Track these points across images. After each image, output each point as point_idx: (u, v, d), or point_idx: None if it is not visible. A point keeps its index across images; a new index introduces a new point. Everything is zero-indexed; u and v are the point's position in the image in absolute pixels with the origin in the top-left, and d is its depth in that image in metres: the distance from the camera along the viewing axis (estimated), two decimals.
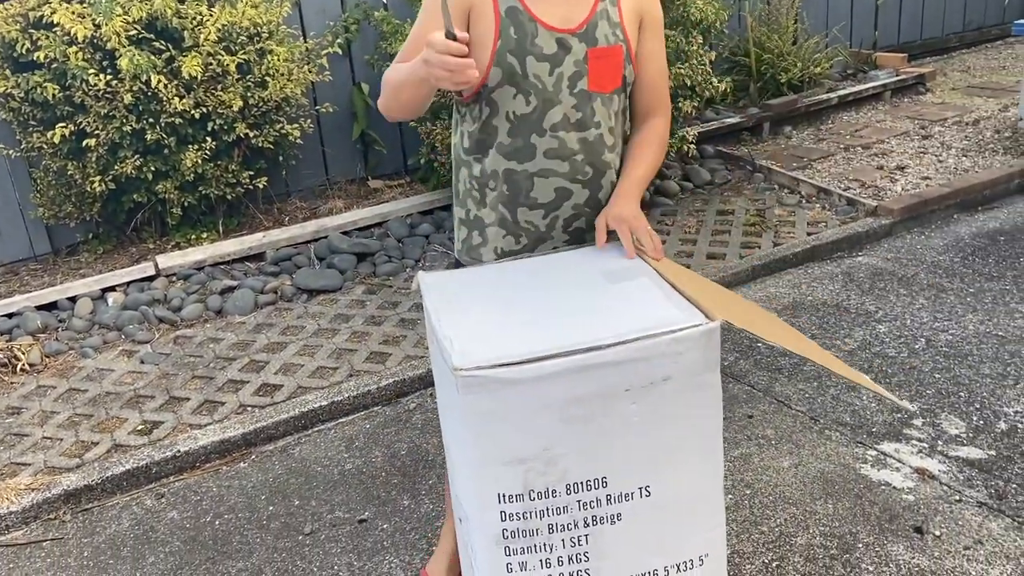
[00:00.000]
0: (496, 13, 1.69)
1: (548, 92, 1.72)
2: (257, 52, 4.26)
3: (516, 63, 1.69)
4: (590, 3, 1.73)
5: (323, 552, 2.45)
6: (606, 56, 1.73)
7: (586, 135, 1.75)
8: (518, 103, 1.72)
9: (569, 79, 1.72)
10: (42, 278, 4.32)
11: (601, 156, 1.78)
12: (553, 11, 1.71)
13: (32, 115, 4.12)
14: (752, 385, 3.06)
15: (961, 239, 4.15)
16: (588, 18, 1.72)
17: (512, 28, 1.69)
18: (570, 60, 1.71)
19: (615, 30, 1.74)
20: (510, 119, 1.74)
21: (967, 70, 6.95)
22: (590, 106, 1.74)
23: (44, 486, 2.75)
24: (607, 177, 1.80)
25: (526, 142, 1.75)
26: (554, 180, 1.77)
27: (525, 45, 1.69)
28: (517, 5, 1.70)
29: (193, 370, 3.42)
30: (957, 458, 2.58)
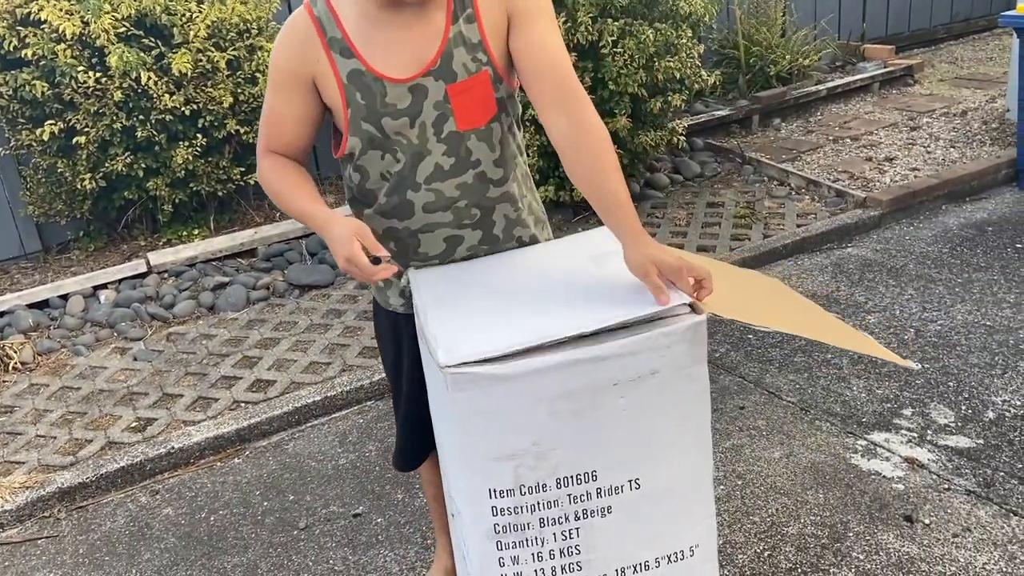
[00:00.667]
0: (339, 81, 1.57)
1: (414, 145, 1.59)
2: (247, 48, 4.26)
3: (372, 128, 1.58)
4: (440, 32, 1.55)
5: (318, 546, 2.46)
6: (470, 88, 1.57)
7: (464, 179, 1.62)
8: (388, 162, 1.62)
9: (433, 125, 1.58)
10: (33, 276, 4.31)
11: (486, 195, 1.65)
12: (398, 58, 1.55)
13: (21, 113, 4.11)
14: (743, 376, 3.09)
15: (949, 230, 4.18)
16: (440, 51, 1.55)
17: (358, 94, 1.56)
18: (428, 105, 1.57)
19: (476, 54, 1.56)
20: (385, 177, 1.64)
21: (955, 61, 6.98)
22: (463, 146, 1.60)
23: (38, 484, 2.76)
24: (499, 212, 1.68)
25: (403, 199, 1.64)
26: (440, 232, 1.66)
27: (376, 107, 1.56)
28: (359, 66, 1.56)
29: (186, 367, 3.42)
30: (946, 447, 2.61)
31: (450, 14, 1.56)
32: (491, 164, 1.65)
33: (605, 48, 4.06)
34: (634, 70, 4.10)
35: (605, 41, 4.05)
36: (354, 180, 1.69)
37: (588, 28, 4.01)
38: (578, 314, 1.39)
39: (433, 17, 1.56)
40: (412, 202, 1.64)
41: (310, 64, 1.58)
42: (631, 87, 4.12)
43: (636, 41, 4.06)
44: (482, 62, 1.57)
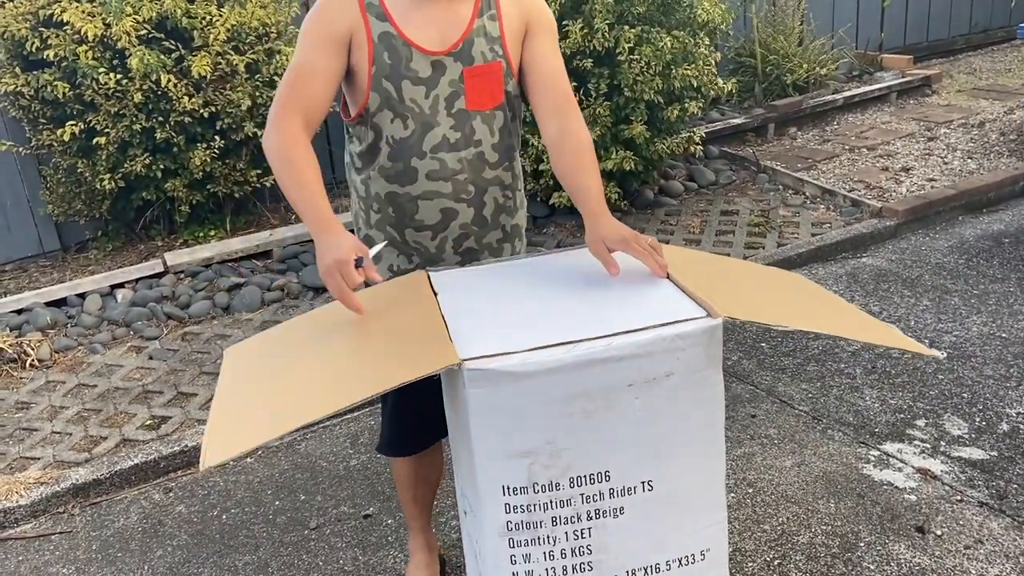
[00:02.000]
0: (369, 39, 1.70)
1: (425, 115, 1.72)
2: (266, 52, 4.30)
3: (392, 88, 1.70)
4: (465, 21, 1.73)
5: (328, 547, 2.47)
6: (483, 74, 1.73)
7: (465, 154, 1.75)
8: (396, 127, 1.73)
9: (446, 100, 1.73)
10: (51, 274, 4.36)
11: (482, 174, 1.78)
12: (427, 33, 1.71)
13: (42, 113, 4.16)
14: (755, 385, 3.08)
15: (966, 241, 4.15)
16: (463, 37, 1.72)
17: (386, 53, 1.70)
18: (445, 81, 1.72)
19: (493, 46, 1.74)
20: (390, 143, 1.75)
21: (973, 72, 6.95)
22: (469, 125, 1.75)
23: (53, 480, 2.78)
24: (490, 194, 1.81)
25: (407, 165, 1.75)
26: (438, 201, 1.77)
27: (400, 69, 1.70)
28: (390, 29, 1.70)
29: (201, 366, 3.45)
30: (959, 459, 2.59)
31: (476, 9, 1.75)
32: (490, 147, 1.78)
33: (622, 55, 4.07)
34: (650, 77, 4.11)
35: (622, 48, 4.06)
36: (366, 139, 1.77)
37: (605, 35, 4.02)
38: (593, 319, 1.40)
39: (461, 8, 1.74)
40: (416, 169, 1.75)
41: (348, 23, 1.69)
42: (647, 94, 4.13)
43: (653, 48, 4.07)
44: (498, 54, 1.75)
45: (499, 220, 1.86)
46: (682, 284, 1.53)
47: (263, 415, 1.38)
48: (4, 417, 3.19)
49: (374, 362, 1.43)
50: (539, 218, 4.57)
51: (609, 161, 4.19)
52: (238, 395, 1.48)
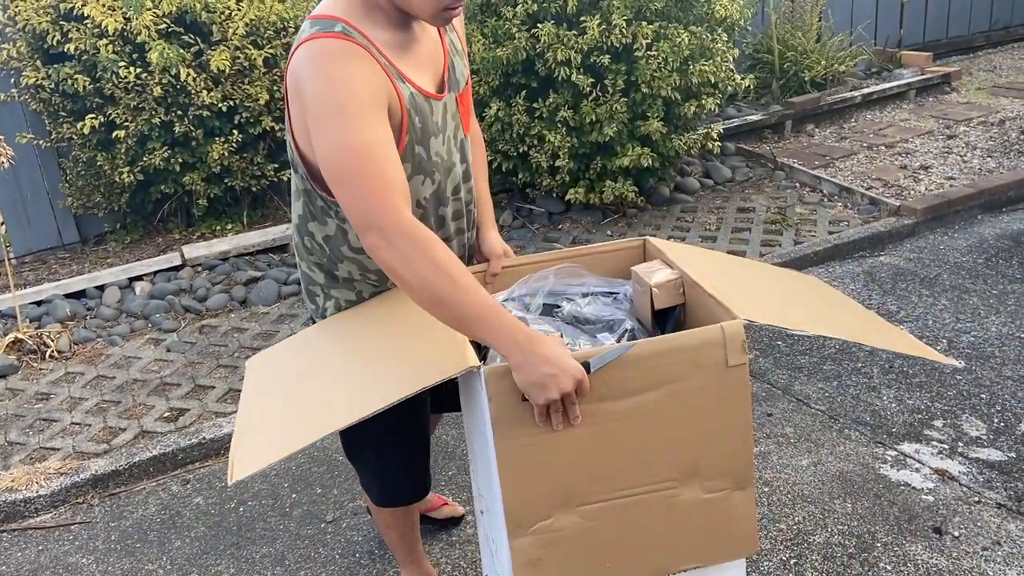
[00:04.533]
0: (403, 107, 1.44)
1: (446, 162, 1.59)
2: (284, 46, 4.31)
3: (423, 151, 1.51)
4: (439, 43, 1.57)
5: (345, 540, 2.49)
6: (468, 94, 1.65)
7: (469, 184, 1.69)
8: (426, 187, 1.56)
9: (453, 137, 1.60)
10: (71, 267, 4.40)
11: (471, 193, 1.72)
12: (426, 75, 1.52)
13: (62, 106, 4.19)
14: (771, 383, 3.07)
15: (985, 240, 4.12)
16: (446, 63, 1.57)
17: (416, 118, 1.48)
18: (450, 118, 1.57)
19: (463, 60, 1.64)
20: (421, 205, 1.58)
21: (993, 70, 6.88)
22: (465, 151, 1.66)
23: (73, 471, 2.82)
24: (473, 209, 1.77)
25: (437, 215, 1.62)
26: (458, 239, 1.71)
27: (428, 129, 1.51)
28: (414, 90, 1.48)
29: (218, 359, 3.47)
30: (977, 460, 2.58)
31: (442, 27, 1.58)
32: (470, 163, 1.71)
33: (639, 51, 4.06)
34: (667, 73, 4.09)
35: (639, 44, 4.04)
36: None
37: (623, 31, 4.01)
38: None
39: (429, 29, 1.56)
40: (444, 217, 1.66)
41: (385, 88, 1.40)
42: (664, 90, 4.12)
43: (671, 44, 4.05)
44: (469, 68, 1.67)
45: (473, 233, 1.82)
46: (701, 285, 1.53)
47: (288, 426, 1.39)
48: (24, 408, 3.23)
49: (395, 368, 1.44)
50: (554, 214, 4.57)
51: (625, 158, 4.18)
52: (261, 407, 1.50)
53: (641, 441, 1.39)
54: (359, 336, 1.59)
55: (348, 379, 1.47)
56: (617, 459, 1.38)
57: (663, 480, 1.41)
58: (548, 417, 1.29)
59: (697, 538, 1.45)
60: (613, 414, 1.36)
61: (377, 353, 1.51)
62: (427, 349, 1.45)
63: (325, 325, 1.70)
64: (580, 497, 1.38)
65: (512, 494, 1.36)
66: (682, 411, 1.39)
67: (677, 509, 1.42)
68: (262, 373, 1.62)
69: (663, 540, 1.44)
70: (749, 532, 1.47)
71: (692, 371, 1.37)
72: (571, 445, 1.35)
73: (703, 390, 1.38)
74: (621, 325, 1.65)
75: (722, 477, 1.43)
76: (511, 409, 1.33)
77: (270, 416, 1.46)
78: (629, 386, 1.36)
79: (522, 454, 1.34)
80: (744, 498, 1.45)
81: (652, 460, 1.40)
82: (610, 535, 1.41)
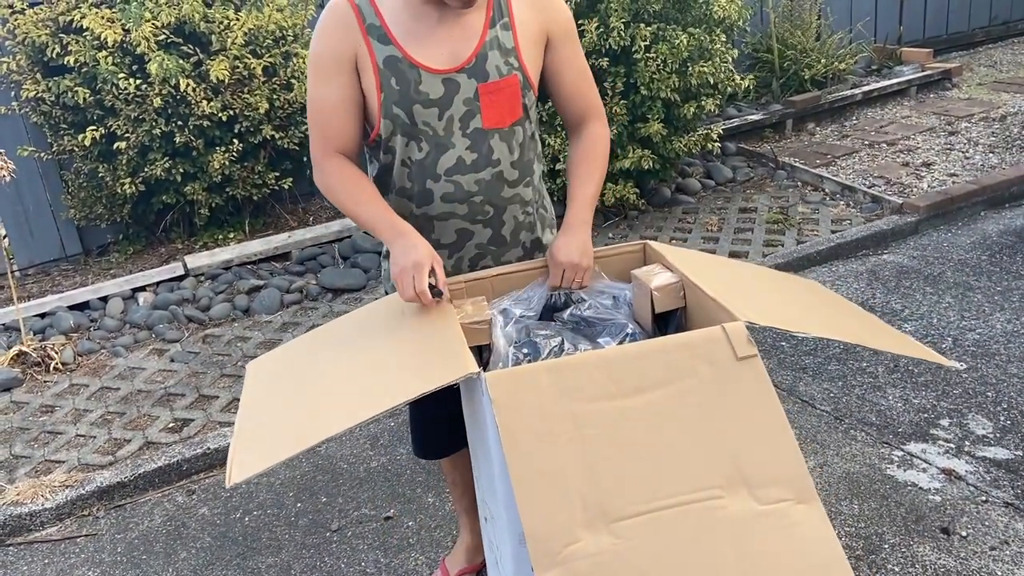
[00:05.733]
0: (374, 65, 1.62)
1: (440, 137, 1.65)
2: (283, 55, 4.32)
3: (403, 113, 1.63)
4: (477, 33, 1.63)
5: (350, 548, 2.48)
6: (499, 90, 1.64)
7: (483, 175, 1.69)
8: (411, 149, 1.68)
9: (460, 120, 1.65)
10: (74, 278, 4.40)
11: (500, 193, 1.73)
12: (437, 51, 1.62)
13: (63, 118, 4.20)
14: (776, 385, 3.05)
15: (988, 236, 4.11)
16: (476, 51, 1.63)
17: (393, 79, 1.62)
18: (459, 100, 1.64)
19: (508, 58, 1.65)
20: (407, 164, 1.70)
21: (994, 65, 6.87)
22: (487, 144, 1.68)
23: (78, 483, 2.82)
24: (509, 212, 1.76)
25: (422, 187, 1.70)
26: (454, 222, 1.73)
27: (409, 93, 1.62)
28: (396, 52, 1.61)
29: (222, 368, 3.47)
30: (984, 458, 2.56)
31: (488, 19, 1.65)
32: (508, 165, 1.72)
33: (638, 53, 4.06)
34: (667, 75, 4.09)
35: (638, 46, 4.04)
36: (382, 162, 1.75)
37: (621, 33, 4.01)
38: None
39: (471, 19, 1.64)
40: (431, 191, 1.71)
41: (350, 48, 1.62)
42: (664, 92, 4.11)
43: (669, 46, 4.05)
44: (513, 67, 1.66)
45: (519, 238, 1.82)
46: (701, 288, 1.52)
47: (286, 430, 1.39)
48: (29, 420, 3.23)
49: (392, 374, 1.43)
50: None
51: (626, 160, 4.17)
52: (261, 410, 1.49)
53: (666, 441, 1.29)
54: (359, 341, 1.59)
55: (348, 383, 1.46)
56: (644, 463, 1.26)
57: (704, 487, 1.26)
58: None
59: (768, 564, 1.23)
60: (625, 412, 1.31)
61: (377, 358, 1.51)
62: (427, 355, 1.44)
63: (324, 330, 1.71)
64: (612, 511, 1.22)
65: (533, 513, 1.21)
66: (702, 407, 1.32)
67: (731, 523, 1.24)
68: (262, 376, 1.62)
69: (724, 566, 1.22)
70: (833, 555, 1.23)
71: (702, 366, 1.33)
72: (589, 448, 1.27)
73: (718, 384, 1.33)
74: (622, 329, 1.65)
75: (775, 485, 1.27)
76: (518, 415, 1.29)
77: (270, 419, 1.45)
78: (636, 383, 1.32)
79: (537, 464, 1.25)
80: (811, 513, 1.25)
81: (685, 462, 1.27)
82: (655, 559, 1.20)
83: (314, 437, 1.33)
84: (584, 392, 1.31)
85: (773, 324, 1.42)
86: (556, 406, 1.30)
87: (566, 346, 1.61)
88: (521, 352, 1.59)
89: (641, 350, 1.34)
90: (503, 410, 1.30)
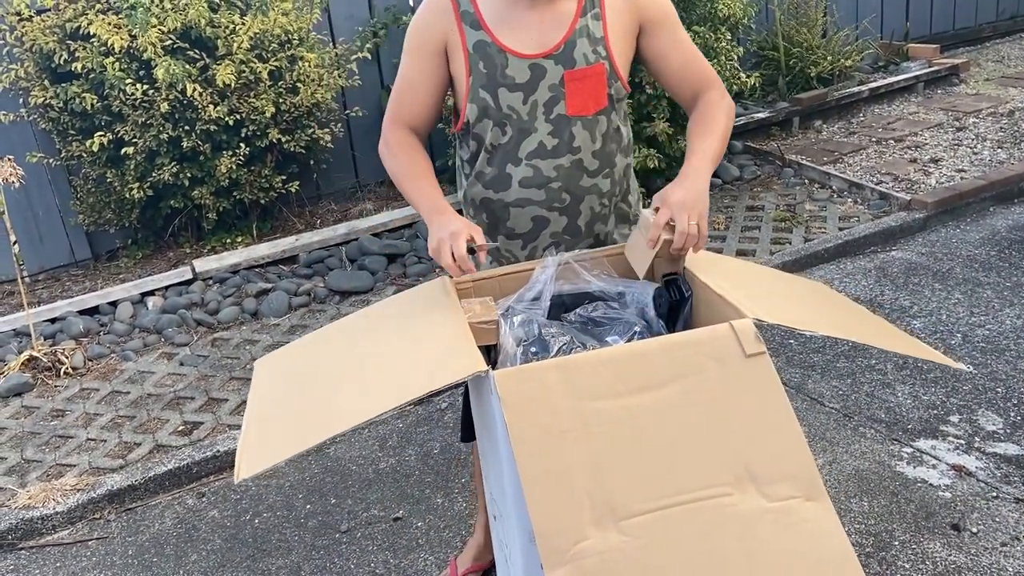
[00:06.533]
0: (464, 49, 1.68)
1: (523, 122, 1.69)
2: (288, 59, 4.33)
3: (489, 97, 1.68)
4: (568, 21, 1.67)
5: (360, 550, 2.49)
6: (585, 77, 1.67)
7: (562, 162, 1.71)
8: (495, 134, 1.72)
9: (544, 105, 1.68)
10: (83, 283, 4.43)
11: (579, 182, 1.74)
12: (526, 36, 1.66)
13: (71, 124, 4.22)
14: (785, 382, 3.05)
15: (997, 232, 4.09)
16: (565, 38, 1.67)
17: (481, 63, 1.67)
18: (544, 85, 1.67)
19: (597, 47, 1.68)
20: (488, 150, 1.74)
21: (1001, 60, 6.83)
22: (569, 131, 1.70)
23: (89, 487, 2.83)
24: (586, 203, 1.76)
25: (502, 171, 1.73)
26: (530, 209, 1.75)
27: (496, 78, 1.67)
28: (485, 37, 1.67)
29: (231, 371, 3.48)
30: (994, 454, 2.55)
31: (580, 8, 1.68)
32: (589, 154, 1.73)
33: None
34: None
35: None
36: (470, 149, 1.77)
37: None
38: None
39: (563, 7, 1.68)
40: (510, 175, 1.73)
41: (442, 32, 1.69)
42: None
43: None
44: (601, 56, 1.68)
45: (593, 229, 1.81)
46: (708, 286, 1.52)
47: (294, 427, 1.39)
48: (40, 425, 3.25)
49: (400, 372, 1.44)
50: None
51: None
52: (269, 407, 1.49)
53: (674, 439, 1.29)
54: (367, 339, 1.59)
55: (356, 381, 1.47)
56: (653, 460, 1.26)
57: (712, 484, 1.26)
58: None
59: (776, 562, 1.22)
60: (633, 410, 1.30)
61: (385, 356, 1.51)
62: (435, 353, 1.44)
63: (333, 328, 1.71)
64: (620, 509, 1.22)
65: (541, 511, 1.21)
66: (710, 404, 1.32)
67: (739, 521, 1.23)
68: (270, 374, 1.62)
69: (733, 563, 1.22)
70: (842, 551, 1.23)
71: (710, 364, 1.33)
72: (597, 445, 1.27)
73: (726, 381, 1.33)
74: (630, 328, 1.64)
75: (784, 482, 1.26)
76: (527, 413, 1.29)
77: (278, 416, 1.46)
78: (644, 381, 1.31)
79: (545, 462, 1.25)
80: (820, 510, 1.25)
81: (693, 460, 1.27)
82: (663, 557, 1.20)
83: (321, 434, 1.33)
84: (592, 390, 1.31)
85: (781, 322, 1.41)
86: (564, 404, 1.30)
87: (575, 344, 1.61)
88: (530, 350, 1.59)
89: (649, 348, 1.34)
90: (511, 408, 1.30)
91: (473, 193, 1.79)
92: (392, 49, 5.05)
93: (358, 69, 4.76)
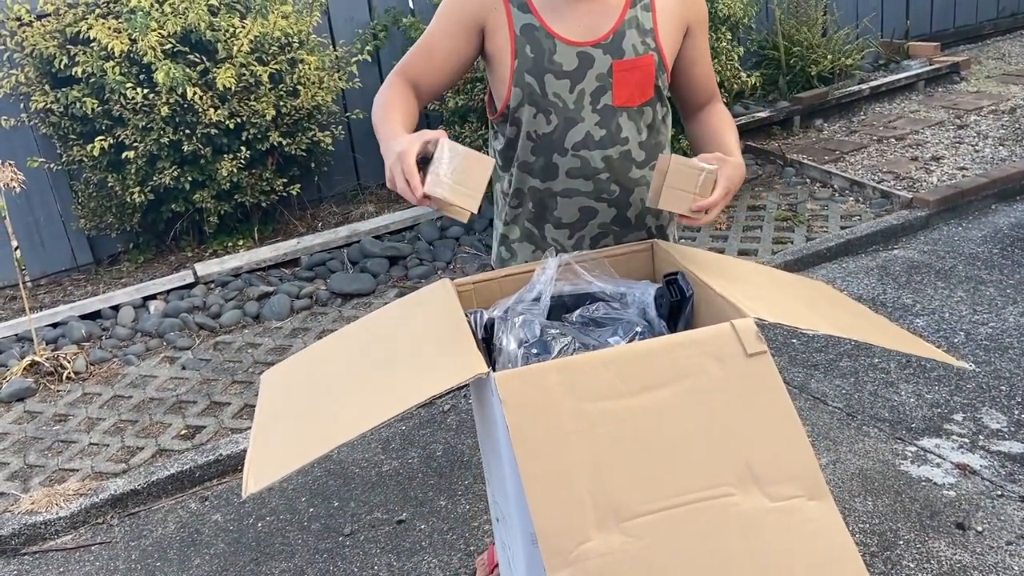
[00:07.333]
0: (511, 31, 1.63)
1: (569, 110, 1.65)
2: (288, 62, 4.33)
3: (534, 82, 1.64)
4: (618, 11, 1.64)
5: (363, 553, 2.48)
6: (634, 68, 1.64)
7: (611, 152, 1.68)
8: (539, 122, 1.67)
9: (591, 95, 1.65)
10: (85, 288, 4.43)
11: (628, 173, 1.71)
12: (575, 24, 1.63)
13: (72, 129, 4.23)
14: (787, 382, 3.05)
15: (1000, 230, 4.08)
16: (615, 28, 1.64)
17: (528, 47, 1.63)
18: (592, 75, 1.64)
19: (646, 38, 1.65)
20: (532, 138, 1.69)
21: (1002, 57, 6.82)
22: (615, 122, 1.67)
23: (92, 491, 2.83)
24: (636, 195, 1.74)
25: (548, 161, 1.70)
26: (578, 199, 1.72)
27: (543, 63, 1.63)
28: (533, 21, 1.63)
29: (233, 375, 3.48)
30: (999, 453, 2.54)
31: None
32: (636, 145, 1.71)
33: None
34: None
35: None
36: (507, 135, 1.73)
37: None
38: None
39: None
40: (557, 165, 1.70)
41: (486, 10, 1.64)
42: None
43: None
44: (650, 47, 1.66)
45: (644, 222, 1.79)
46: (710, 286, 1.51)
47: (301, 438, 1.39)
48: (43, 430, 3.25)
49: (403, 378, 1.43)
50: None
51: None
52: (276, 420, 1.49)
53: (676, 439, 1.29)
54: (369, 347, 1.59)
55: (360, 389, 1.46)
56: (654, 461, 1.26)
57: (715, 485, 1.26)
58: None
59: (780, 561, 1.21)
60: (634, 411, 1.30)
61: (387, 363, 1.51)
62: (436, 357, 1.44)
63: (336, 336, 1.71)
64: (623, 510, 1.22)
65: (544, 512, 1.20)
66: (711, 404, 1.31)
67: (742, 521, 1.23)
68: (277, 386, 1.62)
69: (736, 563, 1.21)
70: (846, 551, 1.22)
71: (712, 364, 1.33)
72: (598, 446, 1.27)
73: (727, 381, 1.32)
74: (631, 328, 1.64)
75: (786, 482, 1.27)
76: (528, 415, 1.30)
77: (285, 429, 1.46)
78: (645, 381, 1.31)
79: (547, 463, 1.25)
80: (823, 510, 1.24)
81: (695, 460, 1.27)
82: (666, 558, 1.20)
83: (329, 444, 1.33)
84: (594, 391, 1.31)
85: (783, 321, 1.41)
86: (565, 405, 1.30)
87: (576, 345, 1.60)
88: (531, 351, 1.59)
89: (650, 348, 1.34)
90: (513, 409, 1.30)
91: (519, 182, 1.75)
92: (392, 51, 5.05)
93: (358, 71, 4.76)
